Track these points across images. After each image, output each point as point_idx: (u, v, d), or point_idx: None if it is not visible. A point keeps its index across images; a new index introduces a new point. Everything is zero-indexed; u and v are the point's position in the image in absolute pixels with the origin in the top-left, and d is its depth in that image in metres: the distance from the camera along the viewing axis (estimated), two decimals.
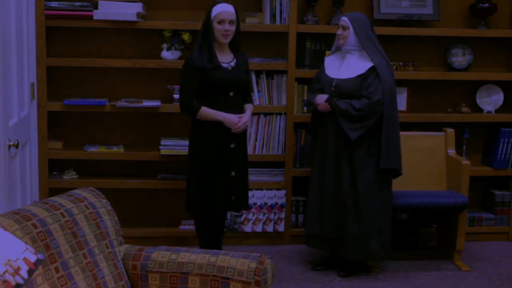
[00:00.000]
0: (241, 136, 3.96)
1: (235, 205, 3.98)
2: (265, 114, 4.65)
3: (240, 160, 3.96)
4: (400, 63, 4.81)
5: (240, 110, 3.93)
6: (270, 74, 4.67)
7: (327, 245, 4.22)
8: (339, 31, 4.11)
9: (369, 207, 4.07)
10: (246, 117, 3.91)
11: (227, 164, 3.90)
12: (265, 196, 4.69)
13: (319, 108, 4.10)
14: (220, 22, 3.81)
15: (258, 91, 4.64)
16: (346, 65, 4.11)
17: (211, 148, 3.89)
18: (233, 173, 3.92)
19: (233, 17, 3.84)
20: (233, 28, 3.85)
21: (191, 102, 3.89)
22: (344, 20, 4.09)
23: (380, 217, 4.11)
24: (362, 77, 4.04)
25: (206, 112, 3.86)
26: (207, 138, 3.90)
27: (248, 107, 4.01)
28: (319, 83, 4.20)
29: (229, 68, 3.88)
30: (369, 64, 4.04)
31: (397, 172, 4.15)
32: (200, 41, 3.88)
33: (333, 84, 4.09)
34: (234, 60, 3.93)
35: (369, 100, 3.99)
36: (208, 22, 3.84)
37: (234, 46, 3.95)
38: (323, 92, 4.14)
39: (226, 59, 3.90)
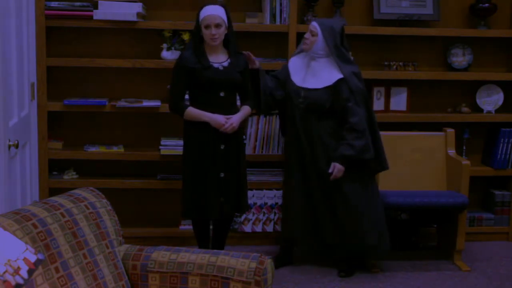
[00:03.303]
0: (233, 137, 3.91)
1: (224, 207, 3.94)
2: (265, 114, 4.65)
3: (232, 161, 3.93)
4: (400, 63, 4.81)
5: (233, 111, 3.91)
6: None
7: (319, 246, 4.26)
8: (307, 35, 4.07)
9: (358, 207, 4.09)
10: (235, 118, 3.87)
11: (216, 165, 3.88)
12: (265, 196, 4.69)
13: (336, 174, 4.01)
14: (206, 26, 3.80)
15: None
16: (311, 73, 4.08)
17: (200, 149, 3.89)
18: (222, 175, 3.90)
19: (219, 20, 3.80)
20: (220, 30, 3.81)
21: (179, 102, 3.90)
22: (314, 25, 4.06)
23: (373, 213, 4.12)
24: (329, 89, 4.02)
25: (193, 112, 3.86)
26: (197, 138, 3.90)
27: (243, 109, 3.98)
28: (277, 80, 4.15)
29: (221, 68, 3.87)
30: (337, 76, 4.02)
31: (377, 167, 4.16)
32: (191, 42, 3.91)
33: (301, 95, 4.07)
34: (228, 60, 3.91)
35: (356, 133, 3.97)
36: (197, 25, 3.86)
37: (228, 46, 3.94)
38: (290, 99, 4.09)
39: (218, 59, 3.89)
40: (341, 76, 4.01)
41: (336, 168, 4.01)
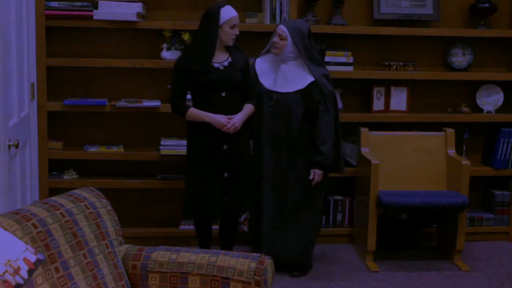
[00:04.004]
0: (236, 137, 3.89)
1: (228, 207, 3.93)
2: None
3: (235, 161, 3.91)
4: (400, 63, 4.81)
5: (236, 111, 3.89)
6: None
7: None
8: (276, 39, 4.04)
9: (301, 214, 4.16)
10: (237, 118, 3.85)
11: (219, 165, 3.87)
12: None
13: (317, 180, 4.06)
14: (232, 26, 3.82)
15: None
16: (282, 77, 4.06)
17: (203, 149, 3.87)
18: (226, 175, 3.89)
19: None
20: None
21: (180, 103, 3.89)
22: (282, 29, 4.02)
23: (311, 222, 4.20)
24: (301, 92, 4.02)
25: (194, 113, 3.85)
26: (200, 139, 3.88)
27: (246, 107, 3.95)
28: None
29: (221, 68, 3.86)
30: (308, 79, 4.02)
31: (333, 169, 4.17)
32: (198, 43, 3.87)
33: (274, 98, 4.04)
34: (229, 59, 3.90)
35: (323, 138, 4.00)
36: (214, 25, 3.80)
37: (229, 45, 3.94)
38: (260, 102, 4.06)
39: (219, 59, 3.88)
40: (312, 79, 4.01)
41: (317, 174, 4.04)
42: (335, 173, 4.25)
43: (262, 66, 4.15)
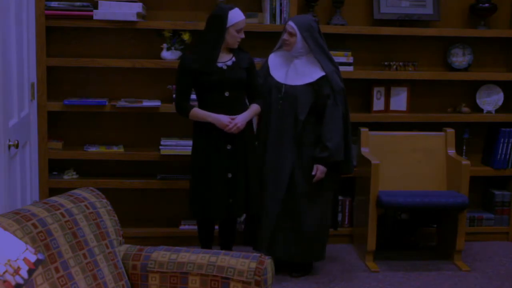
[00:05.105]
0: (240, 137, 3.88)
1: (233, 208, 3.91)
2: None
3: (239, 162, 3.90)
4: (400, 63, 4.81)
5: (240, 110, 3.88)
6: None
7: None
8: (285, 36, 4.04)
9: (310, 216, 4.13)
10: (239, 118, 3.83)
11: (223, 166, 3.86)
12: None
13: (319, 176, 4.03)
14: (239, 30, 3.82)
15: None
16: (293, 70, 4.06)
17: (206, 149, 3.86)
18: (229, 175, 3.88)
19: None
20: None
21: (183, 103, 3.88)
22: (291, 26, 4.01)
23: (321, 220, 4.18)
24: (311, 85, 4.01)
25: (198, 113, 3.85)
26: (204, 139, 3.87)
27: (251, 107, 3.93)
28: (265, 80, 4.15)
29: (224, 67, 3.85)
30: (319, 73, 4.01)
31: (343, 169, 4.15)
32: (203, 43, 3.85)
33: (283, 90, 4.04)
34: (232, 59, 3.90)
35: (330, 134, 3.97)
36: (221, 27, 3.79)
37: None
38: (270, 94, 4.06)
39: (222, 59, 3.87)
40: (323, 73, 4.01)
41: (319, 170, 4.01)
42: (344, 173, 4.22)
43: (275, 60, 4.16)
